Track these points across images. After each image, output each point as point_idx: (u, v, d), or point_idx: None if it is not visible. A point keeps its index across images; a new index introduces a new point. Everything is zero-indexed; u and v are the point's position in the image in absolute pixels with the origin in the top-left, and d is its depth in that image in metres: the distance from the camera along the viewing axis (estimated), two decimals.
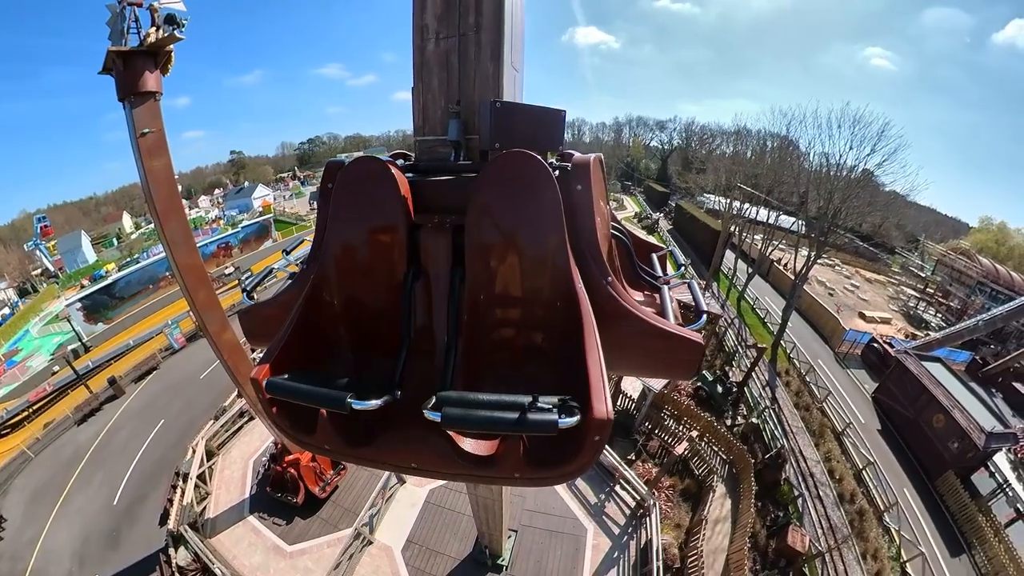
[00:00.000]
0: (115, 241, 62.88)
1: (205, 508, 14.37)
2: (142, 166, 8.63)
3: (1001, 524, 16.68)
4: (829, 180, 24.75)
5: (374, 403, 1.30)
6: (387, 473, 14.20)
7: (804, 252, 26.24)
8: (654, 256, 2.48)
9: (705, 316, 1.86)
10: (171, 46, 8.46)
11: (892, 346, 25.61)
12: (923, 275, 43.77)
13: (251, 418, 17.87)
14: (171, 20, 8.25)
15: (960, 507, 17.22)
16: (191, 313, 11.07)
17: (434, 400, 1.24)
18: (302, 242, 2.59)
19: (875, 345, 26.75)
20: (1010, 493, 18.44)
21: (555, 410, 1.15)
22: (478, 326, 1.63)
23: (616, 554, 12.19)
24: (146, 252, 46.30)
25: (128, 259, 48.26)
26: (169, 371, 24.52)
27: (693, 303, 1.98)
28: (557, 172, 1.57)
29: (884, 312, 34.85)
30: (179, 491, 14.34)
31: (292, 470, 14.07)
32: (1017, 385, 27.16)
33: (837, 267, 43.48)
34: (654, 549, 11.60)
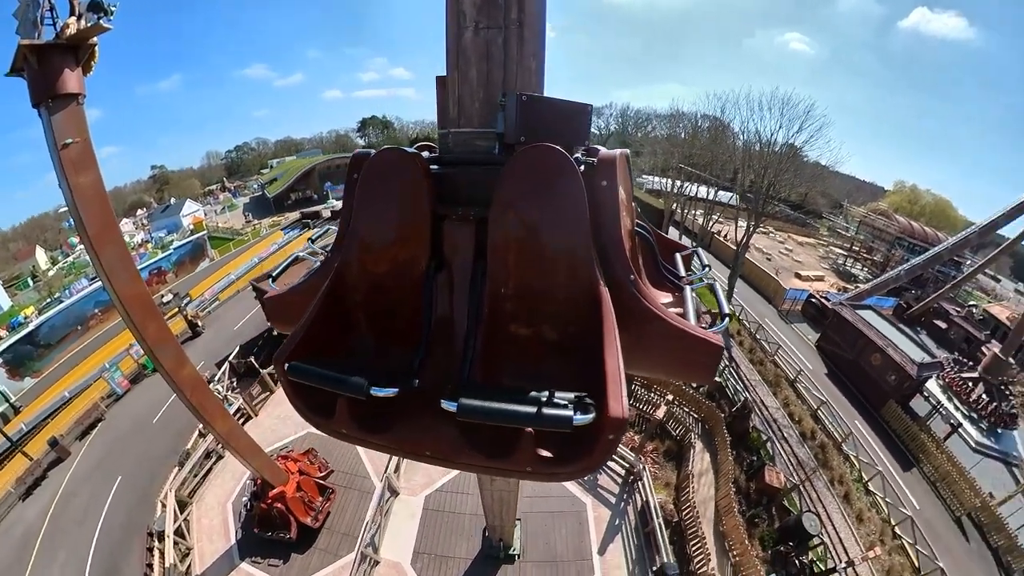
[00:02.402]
0: (31, 281, 56.03)
1: (190, 566, 13.37)
2: (67, 184, 7.35)
3: (940, 438, 18.99)
4: (763, 157, 27.03)
5: (392, 390, 1.34)
6: (380, 487, 14.00)
7: (743, 224, 28.38)
8: (678, 255, 2.44)
9: (728, 319, 1.84)
10: (95, 38, 7.19)
11: (828, 300, 28.14)
12: (848, 235, 48.15)
13: (220, 458, 16.97)
14: (96, 7, 6.91)
15: (904, 429, 19.49)
16: (141, 350, 10.07)
17: (451, 391, 1.27)
18: (327, 231, 2.65)
19: (813, 300, 29.29)
20: (944, 412, 21.11)
21: (571, 406, 1.17)
22: (498, 319, 1.62)
23: (617, 521, 12.74)
24: (68, 289, 41.15)
25: (49, 299, 43.18)
26: (117, 420, 22.28)
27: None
28: (582, 167, 1.56)
29: (817, 271, 38.32)
30: (157, 553, 13.26)
31: (279, 505, 13.45)
32: (937, 322, 31.33)
33: (771, 234, 46.93)
34: (652, 508, 12.30)
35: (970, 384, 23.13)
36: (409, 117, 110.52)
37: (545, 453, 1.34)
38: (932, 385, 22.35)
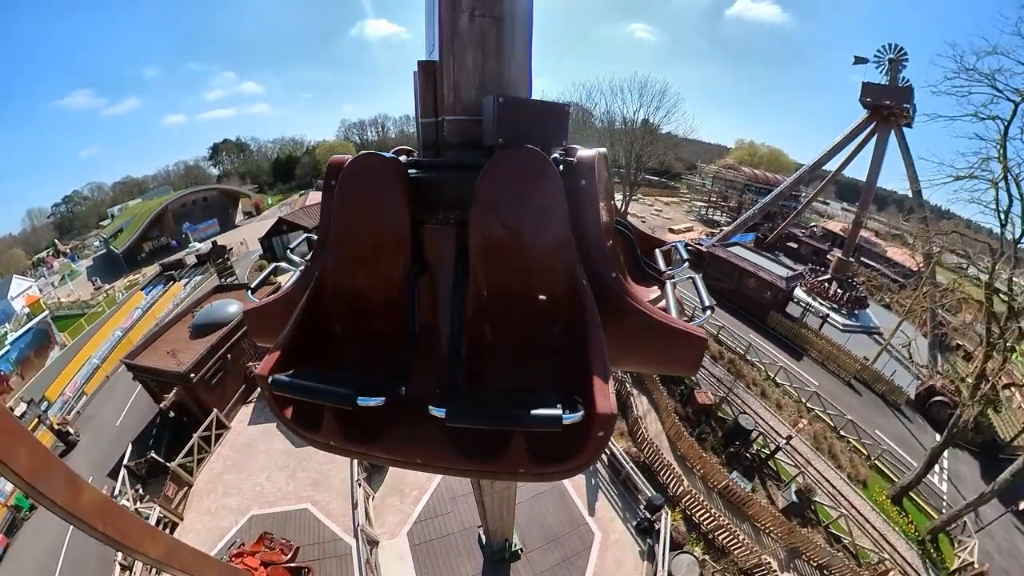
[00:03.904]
0: None
1: None
2: None
3: (816, 329, 23.86)
4: (628, 134, 30.58)
5: (379, 399, 1.33)
6: (356, 545, 13.19)
7: (618, 195, 31.71)
8: (658, 251, 2.45)
9: (710, 311, 1.87)
10: None
11: (702, 245, 32.43)
12: (706, 189, 56.12)
13: None
14: None
15: (788, 330, 23.86)
16: (9, 488, 7.12)
17: (439, 396, 1.27)
18: (306, 239, 2.58)
19: (689, 247, 32.99)
20: (813, 310, 26.27)
21: (559, 406, 1.17)
22: (482, 323, 1.62)
23: (593, 481, 13.48)
24: None
25: None
26: None
27: (697, 297, 2.02)
28: (561, 167, 1.58)
29: (686, 223, 44.07)
30: None
31: None
32: (790, 244, 39.05)
33: (639, 199, 52.76)
34: (620, 457, 13.35)
35: (826, 284, 28.88)
36: (265, 136, 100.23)
37: (536, 453, 1.36)
38: (799, 292, 27.44)
